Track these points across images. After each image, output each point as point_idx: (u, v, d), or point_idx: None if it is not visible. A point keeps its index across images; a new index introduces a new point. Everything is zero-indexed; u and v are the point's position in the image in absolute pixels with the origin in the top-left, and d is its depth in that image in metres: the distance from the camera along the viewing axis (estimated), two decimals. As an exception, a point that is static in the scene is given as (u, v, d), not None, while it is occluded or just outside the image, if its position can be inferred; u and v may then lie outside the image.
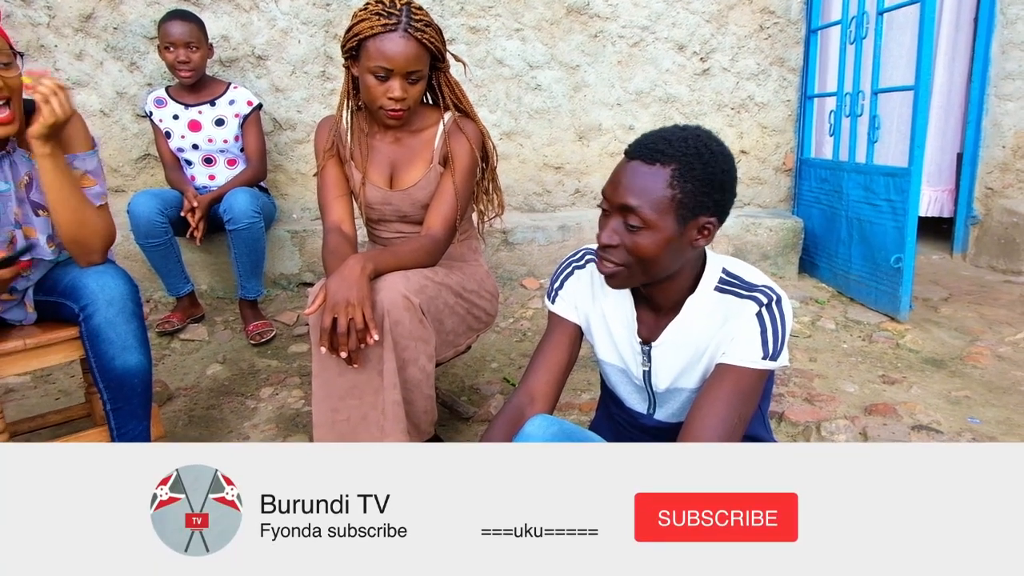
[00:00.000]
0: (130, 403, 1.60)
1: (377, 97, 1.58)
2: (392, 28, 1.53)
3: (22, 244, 1.58)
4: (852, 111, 2.99)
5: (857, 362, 2.47)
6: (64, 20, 3.01)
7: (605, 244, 1.09)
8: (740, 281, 1.14)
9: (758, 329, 1.09)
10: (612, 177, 1.09)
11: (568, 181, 3.46)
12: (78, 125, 1.62)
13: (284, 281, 3.12)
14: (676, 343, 1.17)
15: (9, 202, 1.55)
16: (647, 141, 1.08)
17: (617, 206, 1.07)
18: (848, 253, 3.04)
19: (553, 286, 1.32)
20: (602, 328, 1.27)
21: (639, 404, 1.29)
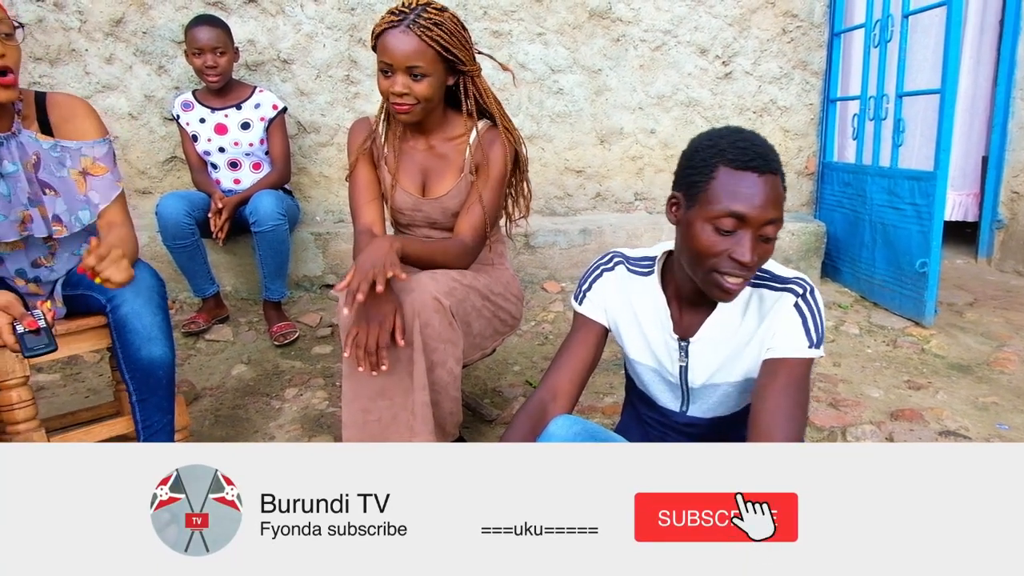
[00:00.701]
0: (155, 395, 1.62)
1: (384, 92, 1.60)
2: (396, 24, 1.55)
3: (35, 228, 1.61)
4: (876, 114, 2.97)
5: (882, 367, 2.46)
6: (95, 24, 3.07)
7: (751, 263, 1.06)
8: (771, 275, 1.17)
9: (799, 319, 1.12)
10: (743, 196, 1.05)
11: (589, 185, 3.46)
12: (87, 112, 1.66)
13: (307, 283, 3.15)
14: (714, 338, 1.20)
15: (19, 182, 1.58)
16: (760, 152, 1.06)
17: (761, 222, 1.05)
18: (871, 257, 3.02)
19: (581, 288, 1.33)
20: (634, 328, 1.28)
21: (671, 402, 1.30)
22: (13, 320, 1.43)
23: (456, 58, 1.61)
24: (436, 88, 1.61)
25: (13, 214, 1.59)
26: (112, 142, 1.70)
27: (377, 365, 1.45)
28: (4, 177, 1.57)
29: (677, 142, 3.41)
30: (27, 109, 1.60)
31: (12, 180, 1.58)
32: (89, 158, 1.64)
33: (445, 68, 1.62)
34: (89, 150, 1.64)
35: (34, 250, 1.68)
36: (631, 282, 1.28)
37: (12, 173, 1.58)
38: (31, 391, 1.61)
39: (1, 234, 1.59)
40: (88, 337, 1.65)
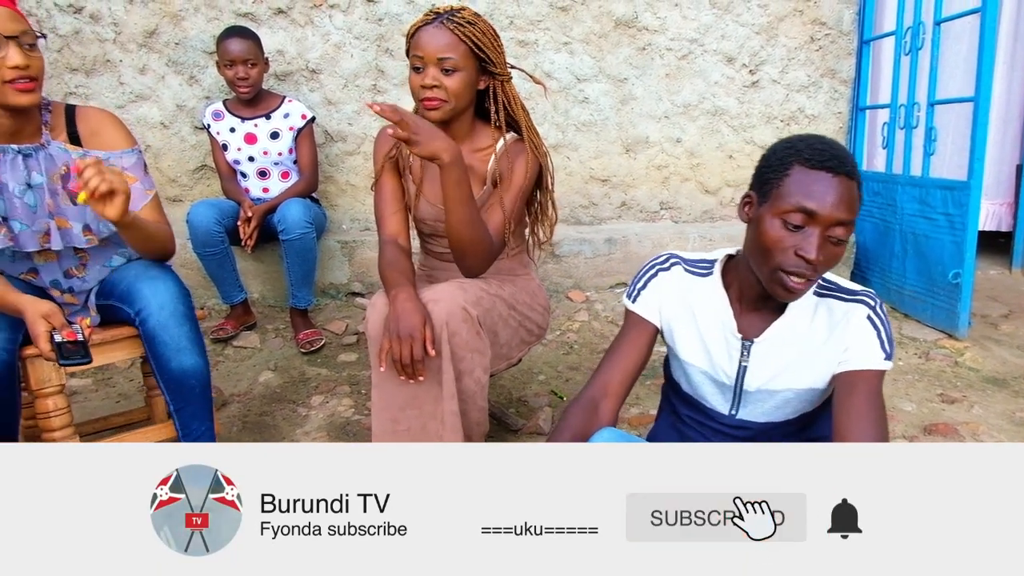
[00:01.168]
0: (190, 404, 1.64)
1: (415, 89, 1.60)
2: (430, 21, 1.57)
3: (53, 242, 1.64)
4: (907, 123, 2.93)
5: (914, 380, 2.41)
6: (129, 36, 3.13)
7: (817, 261, 1.07)
8: (837, 286, 1.20)
9: (874, 331, 1.14)
10: (814, 192, 1.07)
11: (614, 194, 3.46)
12: (114, 123, 1.69)
13: (333, 290, 3.18)
14: (779, 342, 1.20)
15: (43, 194, 1.61)
16: (836, 154, 1.08)
17: (832, 221, 1.06)
18: (902, 268, 2.97)
19: (636, 286, 1.34)
20: (690, 328, 1.28)
21: (720, 404, 1.29)
22: (52, 329, 1.46)
23: (487, 58, 1.61)
24: (466, 86, 1.60)
25: (37, 225, 1.62)
26: (142, 152, 1.72)
27: (415, 376, 1.47)
28: (32, 188, 1.61)
29: (703, 151, 3.40)
30: (57, 121, 1.63)
31: (39, 191, 1.61)
32: (117, 168, 1.67)
33: (476, 67, 1.61)
34: (118, 160, 1.66)
35: (66, 261, 1.71)
36: (689, 282, 1.30)
37: (39, 184, 1.61)
38: (67, 399, 1.63)
39: (24, 243, 1.62)
40: (123, 346, 1.68)
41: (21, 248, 1.62)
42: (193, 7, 3.13)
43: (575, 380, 2.48)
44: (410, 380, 1.48)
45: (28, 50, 1.47)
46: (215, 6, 3.13)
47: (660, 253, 1.36)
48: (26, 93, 1.48)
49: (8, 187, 1.57)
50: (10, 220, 1.59)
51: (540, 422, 2.14)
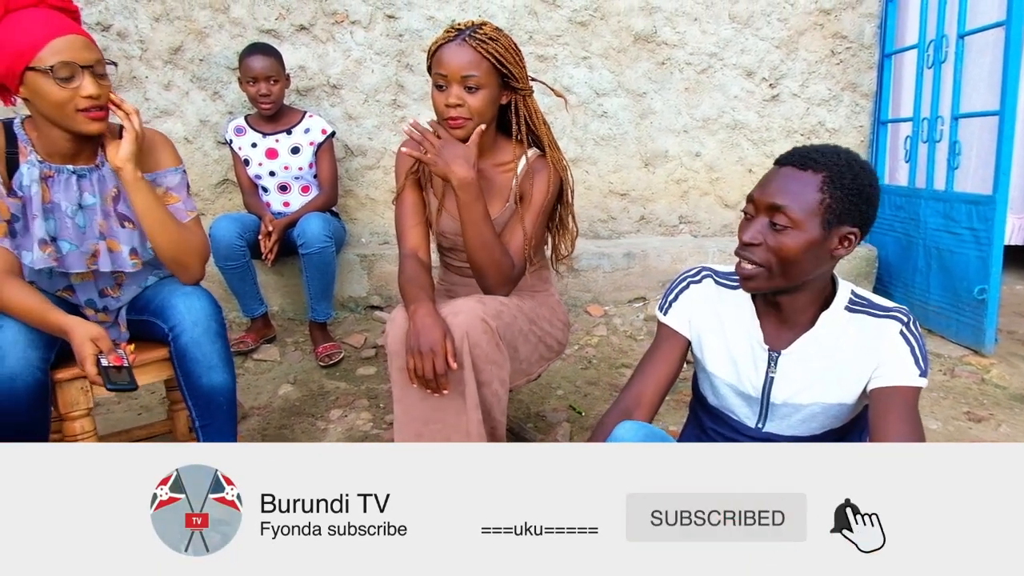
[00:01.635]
0: (216, 420, 1.65)
1: (438, 107, 1.61)
2: (452, 39, 1.57)
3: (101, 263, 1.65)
4: (930, 137, 2.90)
5: (939, 397, 2.37)
6: (155, 53, 3.18)
7: (747, 242, 1.13)
8: (870, 302, 1.19)
9: (907, 347, 1.14)
10: (761, 181, 1.16)
11: (633, 208, 3.45)
12: (164, 143, 1.70)
13: (352, 304, 3.19)
14: (808, 355, 1.20)
15: (95, 215, 1.63)
16: (799, 151, 1.15)
17: (765, 206, 1.12)
18: (926, 283, 2.93)
19: (667, 299, 1.36)
20: (718, 339, 1.29)
21: (748, 417, 1.29)
22: (99, 353, 1.47)
23: (510, 73, 1.61)
24: (489, 103, 1.61)
25: (85, 246, 1.64)
26: (185, 172, 1.73)
27: (439, 390, 1.47)
28: (83, 208, 1.62)
29: (722, 165, 3.38)
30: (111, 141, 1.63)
31: (90, 212, 1.63)
32: (163, 187, 1.68)
33: (499, 83, 1.62)
34: (163, 179, 1.68)
35: (103, 280, 1.72)
36: (719, 294, 1.31)
37: (91, 205, 1.62)
38: (93, 422, 1.65)
39: (71, 264, 1.63)
40: (151, 370, 1.69)
41: (67, 269, 1.63)
42: (217, 24, 3.18)
43: (593, 395, 2.47)
44: (435, 394, 1.49)
45: (99, 79, 1.49)
46: (239, 23, 3.18)
47: (693, 266, 1.37)
48: (97, 121, 1.50)
49: (60, 207, 1.59)
50: (59, 240, 1.60)
51: (558, 437, 2.13)
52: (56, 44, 1.42)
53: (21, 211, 1.56)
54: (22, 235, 1.57)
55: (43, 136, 1.56)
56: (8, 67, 1.43)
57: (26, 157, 1.56)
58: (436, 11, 3.19)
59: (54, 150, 1.57)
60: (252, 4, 3.16)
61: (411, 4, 3.18)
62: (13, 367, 1.46)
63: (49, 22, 1.44)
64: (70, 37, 1.44)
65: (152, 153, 1.67)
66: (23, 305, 1.50)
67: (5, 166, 1.54)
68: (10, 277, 1.53)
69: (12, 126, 1.57)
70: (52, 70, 1.42)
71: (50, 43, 1.42)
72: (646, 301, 3.19)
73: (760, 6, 3.22)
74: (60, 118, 1.49)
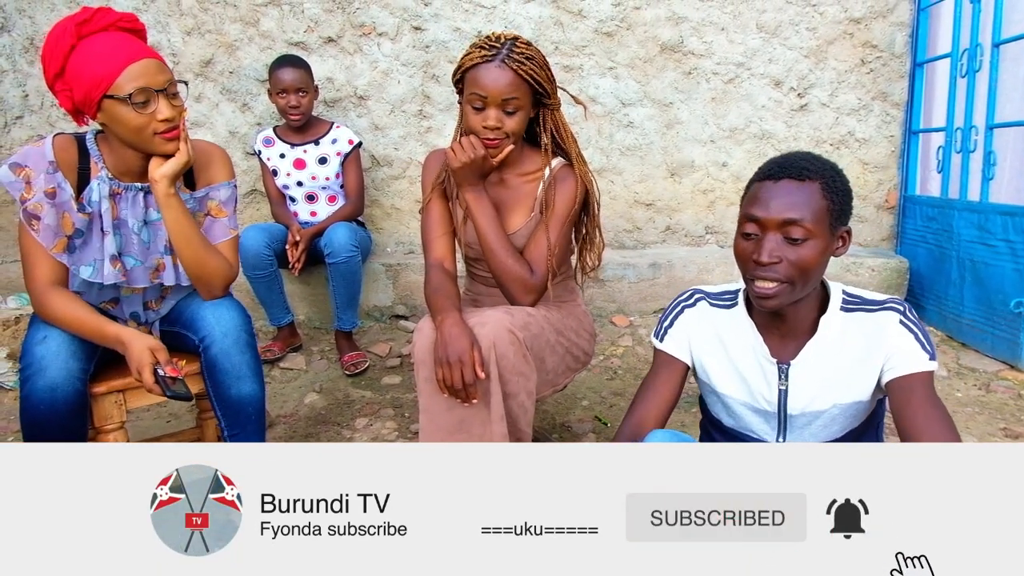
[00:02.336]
0: (245, 430, 1.66)
1: (474, 126, 1.60)
2: (490, 59, 1.56)
3: (165, 276, 1.66)
4: (964, 147, 2.85)
5: (974, 412, 2.32)
6: (186, 65, 3.24)
7: (767, 262, 1.12)
8: (863, 299, 1.21)
9: (911, 335, 1.15)
10: (759, 199, 1.14)
11: (659, 218, 3.43)
12: (221, 157, 1.71)
13: (377, 313, 3.21)
14: (816, 361, 1.21)
15: (160, 230, 1.64)
16: (787, 163, 1.15)
17: (777, 223, 1.12)
18: (959, 296, 2.87)
19: (663, 325, 1.35)
20: (722, 361, 1.28)
21: (767, 433, 1.28)
22: (156, 363, 1.49)
23: (544, 91, 1.62)
24: (524, 122, 1.63)
25: (150, 260, 1.66)
26: (236, 187, 1.73)
27: (468, 399, 1.47)
28: (148, 224, 1.64)
29: (749, 175, 3.31)
30: None
31: (154, 228, 1.65)
32: (215, 201, 1.70)
33: (532, 101, 1.63)
34: (215, 193, 1.69)
35: (149, 293, 1.74)
36: (716, 315, 1.30)
37: (155, 221, 1.64)
38: (126, 435, 1.67)
39: (135, 279, 1.65)
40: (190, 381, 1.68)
41: (132, 283, 1.65)
42: (247, 37, 3.23)
43: (619, 406, 2.45)
44: (464, 403, 1.48)
45: (172, 99, 1.50)
46: (268, 36, 3.23)
47: (684, 290, 1.37)
48: (172, 141, 1.52)
49: (128, 223, 1.61)
50: (124, 255, 1.62)
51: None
52: (132, 70, 1.43)
53: (87, 226, 1.58)
54: (80, 250, 1.59)
55: (114, 153, 1.57)
56: (85, 95, 1.44)
57: (97, 173, 1.57)
58: (462, 23, 3.21)
59: (124, 168, 1.59)
60: (281, 17, 3.21)
61: (437, 16, 3.21)
62: (55, 377, 1.48)
63: (122, 48, 1.44)
64: (144, 62, 1.45)
65: (209, 167, 1.68)
66: (75, 317, 1.52)
67: (76, 182, 1.57)
68: (62, 289, 1.56)
69: (85, 141, 1.59)
70: (130, 98, 1.43)
71: (126, 70, 1.42)
72: (672, 312, 3.16)
73: (788, 16, 3.19)
74: (137, 142, 1.50)
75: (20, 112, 3.33)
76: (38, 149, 1.54)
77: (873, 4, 3.16)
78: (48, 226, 1.53)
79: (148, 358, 1.48)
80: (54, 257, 1.54)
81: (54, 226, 1.53)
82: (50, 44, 1.44)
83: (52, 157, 1.53)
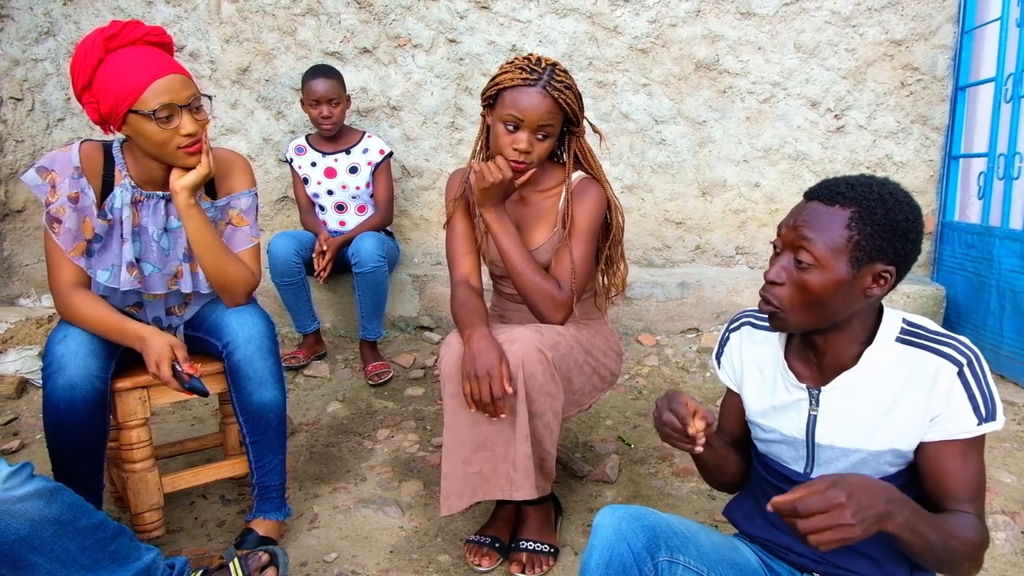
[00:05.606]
0: (266, 436, 1.66)
1: (504, 147, 1.59)
2: (532, 83, 1.55)
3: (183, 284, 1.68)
4: (1007, 173, 2.78)
5: (1013, 449, 2.24)
6: (224, 73, 3.28)
7: (772, 281, 1.08)
8: (926, 333, 1.08)
9: (965, 394, 1.03)
10: (788, 215, 1.10)
11: (689, 237, 3.39)
12: (242, 166, 1.72)
13: (403, 323, 3.20)
14: (852, 391, 1.11)
15: (180, 237, 1.66)
16: (829, 184, 1.08)
17: (790, 242, 1.07)
18: (999, 326, 2.79)
19: (717, 355, 1.35)
20: (757, 383, 1.24)
21: (795, 462, 1.21)
22: (174, 360, 1.51)
23: (575, 119, 1.63)
24: (552, 146, 1.64)
25: (168, 267, 1.68)
26: (257, 196, 1.75)
27: (496, 414, 1.46)
28: (168, 232, 1.66)
29: (783, 196, 3.30)
30: None
31: (174, 235, 1.67)
32: (236, 210, 1.71)
33: (562, 127, 1.63)
34: (236, 201, 1.71)
35: (172, 299, 1.75)
36: (755, 336, 1.27)
37: (175, 228, 1.66)
38: (149, 432, 1.68)
39: (153, 285, 1.67)
40: (207, 382, 1.68)
41: (149, 290, 1.67)
42: (284, 46, 3.27)
43: (643, 427, 2.41)
44: (492, 418, 1.47)
45: (196, 112, 1.52)
46: (304, 45, 3.26)
47: (738, 312, 1.34)
48: (195, 155, 1.54)
49: (148, 230, 1.63)
50: (143, 262, 1.65)
51: (607, 470, 2.07)
52: (157, 86, 1.44)
53: (107, 232, 1.60)
54: (99, 255, 1.61)
55: (138, 162, 1.60)
56: (111, 109, 1.46)
57: (120, 180, 1.60)
58: (497, 36, 3.22)
59: (147, 177, 1.61)
60: (318, 27, 3.24)
61: (472, 29, 3.21)
62: (73, 376, 1.50)
63: (149, 63, 1.46)
64: (169, 78, 1.46)
65: (229, 176, 1.70)
66: (98, 317, 1.54)
67: (100, 188, 1.59)
68: (83, 290, 1.58)
69: (111, 149, 1.62)
70: (154, 114, 1.45)
71: (151, 86, 1.44)
72: (699, 332, 3.12)
73: (827, 36, 3.15)
74: (161, 155, 1.52)
75: (62, 115, 3.40)
76: (65, 154, 1.56)
77: (915, 26, 3.10)
78: (68, 230, 1.55)
79: (168, 353, 1.50)
80: (73, 260, 1.56)
81: (74, 230, 1.55)
82: (79, 57, 1.46)
83: (77, 163, 1.56)
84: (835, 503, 0.85)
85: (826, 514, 0.86)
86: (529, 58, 1.60)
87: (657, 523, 1.10)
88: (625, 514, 1.09)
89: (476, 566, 1.64)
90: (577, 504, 1.94)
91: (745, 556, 1.20)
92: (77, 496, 1.24)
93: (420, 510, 1.92)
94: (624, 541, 1.06)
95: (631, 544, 1.06)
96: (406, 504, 1.95)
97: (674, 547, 1.08)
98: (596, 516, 1.12)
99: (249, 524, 1.70)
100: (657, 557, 1.07)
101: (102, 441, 1.58)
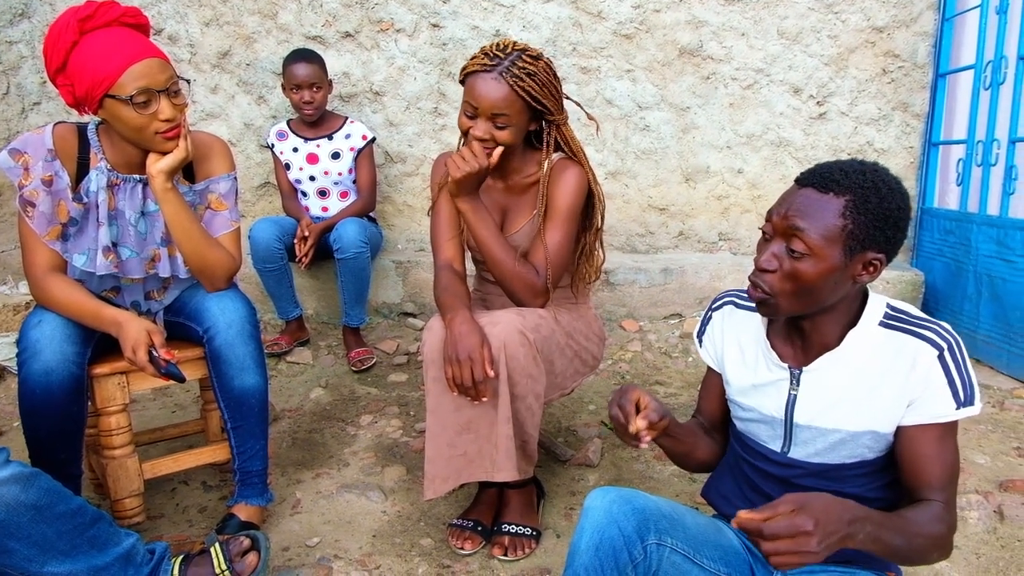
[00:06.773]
0: (248, 421, 1.65)
1: (463, 131, 1.60)
2: (489, 69, 1.53)
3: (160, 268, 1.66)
4: (985, 160, 2.81)
5: (987, 431, 2.28)
6: (203, 57, 3.24)
7: (763, 268, 1.08)
8: (908, 316, 1.10)
9: (944, 378, 1.05)
10: (779, 201, 1.09)
11: (672, 223, 3.40)
12: (221, 149, 1.70)
13: (386, 310, 3.20)
14: (832, 372, 1.12)
15: (157, 222, 1.64)
16: (822, 170, 1.07)
17: (782, 230, 1.06)
18: (975, 311, 2.83)
19: (699, 335, 1.36)
20: (738, 362, 1.25)
21: (772, 441, 1.22)
22: (151, 345, 1.49)
23: (544, 108, 1.59)
24: (517, 135, 1.60)
25: (146, 251, 1.66)
26: (236, 180, 1.73)
27: (478, 397, 1.46)
28: (145, 215, 1.64)
29: (765, 182, 3.32)
30: None
31: (152, 219, 1.64)
32: (215, 194, 1.69)
33: (530, 117, 1.60)
34: (215, 186, 1.69)
35: (150, 283, 1.74)
36: (737, 315, 1.27)
37: (153, 212, 1.64)
38: (129, 418, 1.66)
39: (130, 270, 1.65)
40: (186, 368, 1.67)
41: (126, 274, 1.65)
42: (265, 29, 3.23)
43: (626, 412, 2.42)
44: (473, 402, 1.47)
45: (174, 97, 1.50)
46: (286, 29, 3.22)
47: (721, 292, 1.34)
48: (173, 140, 1.52)
49: (125, 214, 1.61)
50: (120, 246, 1.62)
51: (590, 454, 2.09)
52: (134, 70, 1.41)
53: (82, 216, 1.57)
54: (75, 239, 1.58)
55: (115, 145, 1.57)
56: (86, 92, 1.43)
57: (96, 163, 1.57)
58: (480, 21, 3.20)
59: (124, 160, 1.58)
60: (300, 11, 3.21)
61: (456, 14, 3.19)
62: (49, 361, 1.48)
63: (125, 45, 1.43)
64: (146, 62, 1.43)
65: (208, 160, 1.68)
66: (74, 301, 1.52)
67: (75, 171, 1.56)
68: (59, 275, 1.55)
69: (87, 131, 1.59)
70: (131, 99, 1.42)
71: (128, 70, 1.41)
72: (682, 318, 3.13)
73: (810, 22, 3.16)
74: (138, 140, 1.50)
75: (38, 98, 3.34)
76: (38, 136, 1.53)
77: (897, 13, 3.12)
78: (43, 213, 1.52)
79: (144, 338, 1.48)
80: (48, 244, 1.54)
81: (48, 214, 1.53)
82: (52, 38, 1.42)
83: (51, 145, 1.53)
84: (802, 530, 0.86)
85: (792, 539, 0.86)
86: (499, 44, 1.57)
87: (647, 506, 1.10)
88: (616, 497, 1.09)
89: (459, 549, 1.65)
90: (559, 488, 1.96)
91: (728, 537, 1.21)
92: (55, 482, 1.24)
93: (403, 495, 1.93)
94: (615, 524, 1.06)
95: (621, 527, 1.06)
96: (389, 489, 1.95)
97: (663, 530, 1.09)
98: (586, 498, 1.12)
99: (231, 509, 1.69)
100: (647, 540, 1.07)
101: (79, 428, 1.56)
